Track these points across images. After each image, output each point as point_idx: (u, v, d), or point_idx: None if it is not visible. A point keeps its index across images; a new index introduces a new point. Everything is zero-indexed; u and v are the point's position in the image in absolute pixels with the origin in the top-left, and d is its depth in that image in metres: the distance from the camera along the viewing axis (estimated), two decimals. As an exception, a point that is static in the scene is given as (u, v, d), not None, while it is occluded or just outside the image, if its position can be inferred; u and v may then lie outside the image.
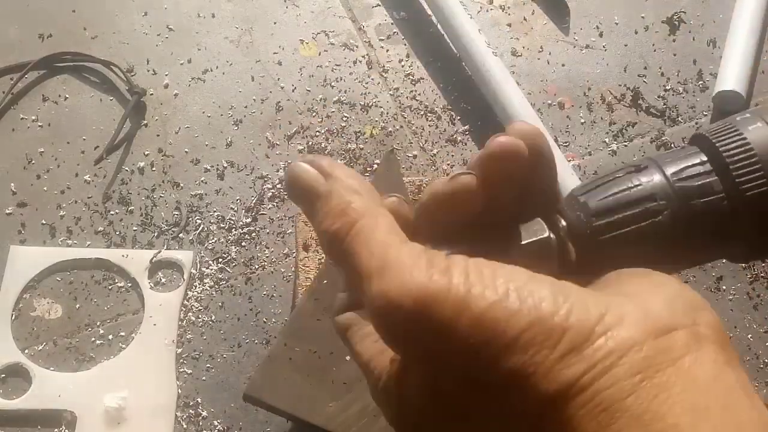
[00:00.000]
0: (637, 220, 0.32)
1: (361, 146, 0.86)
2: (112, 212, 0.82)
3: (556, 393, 0.28)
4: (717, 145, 0.32)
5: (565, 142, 0.87)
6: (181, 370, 0.73)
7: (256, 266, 0.79)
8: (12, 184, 0.83)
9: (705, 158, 0.33)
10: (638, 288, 0.31)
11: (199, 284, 0.78)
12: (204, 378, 0.73)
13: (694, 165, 0.33)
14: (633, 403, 0.27)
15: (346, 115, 0.89)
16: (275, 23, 0.96)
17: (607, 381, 0.28)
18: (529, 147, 0.32)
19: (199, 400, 0.72)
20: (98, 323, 0.76)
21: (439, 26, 0.95)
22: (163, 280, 0.78)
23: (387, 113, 0.89)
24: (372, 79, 0.92)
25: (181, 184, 0.84)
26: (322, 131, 0.87)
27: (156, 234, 0.80)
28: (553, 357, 0.28)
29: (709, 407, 0.27)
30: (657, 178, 0.33)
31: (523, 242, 0.33)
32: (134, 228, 0.81)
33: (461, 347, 0.28)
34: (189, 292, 0.77)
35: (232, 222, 0.81)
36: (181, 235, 0.80)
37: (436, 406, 0.30)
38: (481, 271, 0.29)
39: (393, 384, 0.32)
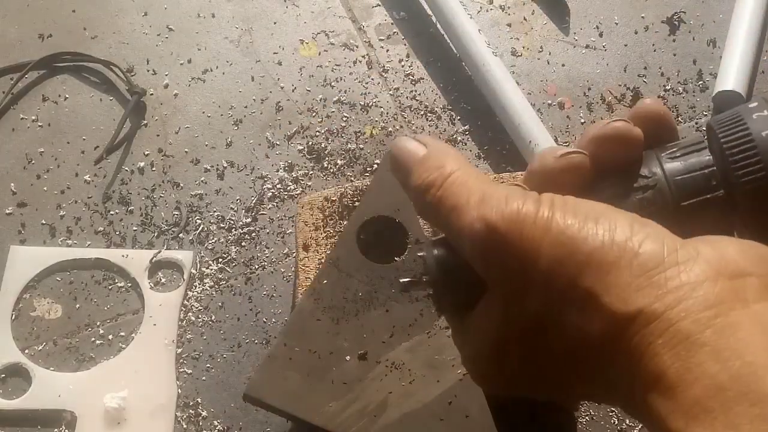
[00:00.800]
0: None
1: (361, 146, 0.86)
2: (112, 212, 0.82)
3: (628, 316, 0.29)
4: (719, 135, 0.32)
5: (565, 142, 0.87)
6: (181, 370, 0.73)
7: (256, 266, 0.79)
8: (12, 184, 0.83)
9: (708, 156, 0.33)
10: (713, 237, 0.32)
11: (199, 284, 0.78)
12: (204, 378, 0.73)
13: (696, 160, 0.33)
14: (711, 338, 0.28)
15: (346, 115, 0.89)
16: (275, 23, 0.96)
17: (680, 312, 0.28)
18: (653, 127, 0.35)
19: (199, 400, 0.72)
20: (98, 323, 0.76)
21: (439, 26, 0.95)
22: (163, 280, 0.78)
23: (387, 113, 0.89)
24: (372, 79, 0.92)
25: (181, 184, 0.84)
26: (322, 131, 0.87)
27: (156, 234, 0.80)
28: (624, 279, 0.30)
29: None
30: (657, 172, 0.33)
31: None
32: (134, 228, 0.81)
33: (544, 266, 0.31)
34: (189, 292, 0.77)
35: (232, 222, 0.81)
36: (181, 235, 0.80)
37: (514, 331, 0.33)
38: (565, 202, 0.32)
39: (474, 320, 0.35)
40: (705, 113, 0.89)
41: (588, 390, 0.33)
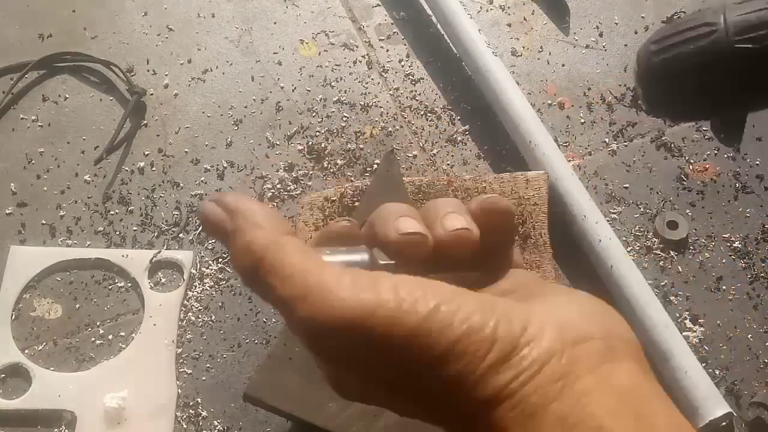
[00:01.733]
0: (686, 43, 0.34)
1: (361, 146, 0.86)
2: (112, 212, 0.82)
3: (487, 398, 0.30)
4: None
5: (565, 142, 0.87)
6: (181, 370, 0.73)
7: (256, 266, 0.79)
8: (12, 184, 0.83)
9: None
10: (556, 299, 0.33)
11: (199, 284, 0.78)
12: (204, 378, 0.73)
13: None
14: (556, 408, 0.29)
15: (346, 115, 0.89)
16: (275, 23, 0.96)
17: (531, 387, 0.30)
18: (493, 223, 0.36)
19: (199, 400, 0.72)
20: (98, 323, 0.76)
21: (439, 26, 0.95)
22: (163, 280, 0.78)
23: (387, 113, 0.89)
24: (372, 79, 0.92)
25: (181, 184, 0.84)
26: (322, 131, 0.87)
27: (156, 234, 0.80)
28: (484, 365, 0.30)
29: (628, 413, 0.29)
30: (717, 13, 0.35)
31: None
32: (134, 228, 0.81)
33: (395, 360, 0.30)
34: (189, 292, 0.77)
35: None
36: (181, 235, 0.80)
37: (370, 402, 0.33)
38: (409, 286, 0.30)
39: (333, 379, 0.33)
40: (705, 113, 0.89)
41: None
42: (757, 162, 0.85)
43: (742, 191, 0.83)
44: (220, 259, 0.79)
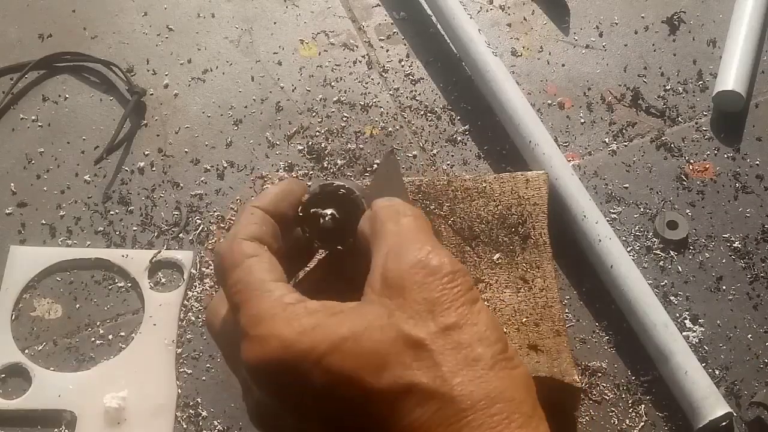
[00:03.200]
0: None
1: (361, 146, 0.86)
2: (112, 212, 0.82)
3: (401, 387, 0.36)
4: None
5: (565, 142, 0.87)
6: (181, 370, 0.73)
7: (256, 266, 0.79)
8: (12, 184, 0.83)
9: None
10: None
11: (199, 284, 0.78)
12: (204, 378, 0.73)
13: None
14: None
15: (346, 115, 0.89)
16: (275, 23, 0.96)
17: (466, 411, 0.35)
18: None
19: (199, 400, 0.72)
20: (98, 323, 0.76)
21: (439, 26, 0.95)
22: (163, 280, 0.78)
23: (387, 113, 0.89)
24: (372, 79, 0.92)
25: (181, 184, 0.84)
26: (322, 131, 0.87)
27: (156, 234, 0.80)
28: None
29: None
30: None
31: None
32: (134, 228, 0.81)
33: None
34: (189, 292, 0.77)
35: (232, 222, 0.81)
36: (181, 235, 0.80)
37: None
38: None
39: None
40: (705, 113, 0.89)
41: None
42: (757, 162, 0.85)
43: (742, 191, 0.83)
44: (220, 259, 0.79)
